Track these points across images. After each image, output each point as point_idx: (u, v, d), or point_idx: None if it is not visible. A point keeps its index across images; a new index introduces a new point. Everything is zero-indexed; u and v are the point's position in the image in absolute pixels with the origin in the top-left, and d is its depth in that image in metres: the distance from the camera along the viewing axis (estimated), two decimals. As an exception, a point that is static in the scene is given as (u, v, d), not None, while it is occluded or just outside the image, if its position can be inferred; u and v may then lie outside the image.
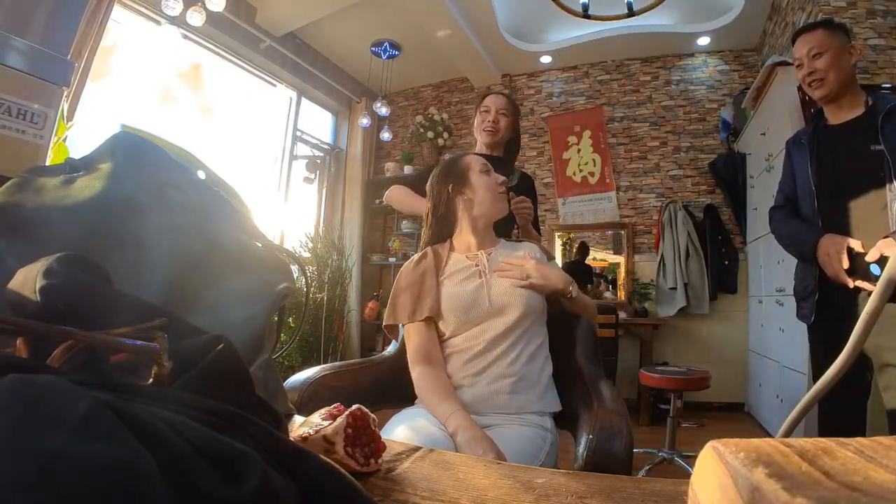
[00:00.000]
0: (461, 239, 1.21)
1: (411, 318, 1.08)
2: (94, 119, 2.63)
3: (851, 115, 1.47)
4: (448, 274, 1.14)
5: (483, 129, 1.75)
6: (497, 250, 1.19)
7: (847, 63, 1.45)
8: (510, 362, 1.03)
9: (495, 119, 1.74)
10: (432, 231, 1.24)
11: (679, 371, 2.64)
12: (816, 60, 1.46)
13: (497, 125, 1.74)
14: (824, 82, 1.46)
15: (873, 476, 0.17)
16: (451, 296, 1.08)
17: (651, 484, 0.39)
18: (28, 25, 0.72)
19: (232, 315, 0.44)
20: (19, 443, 0.16)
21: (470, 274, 1.12)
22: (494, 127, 1.74)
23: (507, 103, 1.77)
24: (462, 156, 1.26)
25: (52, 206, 0.41)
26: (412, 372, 1.05)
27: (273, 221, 4.05)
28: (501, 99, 1.78)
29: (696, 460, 0.24)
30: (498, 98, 1.78)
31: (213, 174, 0.58)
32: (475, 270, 1.13)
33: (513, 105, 1.80)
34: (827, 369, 0.34)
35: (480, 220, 1.19)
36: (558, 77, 4.58)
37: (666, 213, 3.91)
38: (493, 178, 1.20)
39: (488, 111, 1.75)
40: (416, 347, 1.06)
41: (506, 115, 1.75)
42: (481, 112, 1.78)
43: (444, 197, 1.21)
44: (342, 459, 0.39)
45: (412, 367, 1.05)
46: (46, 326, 0.27)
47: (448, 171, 1.22)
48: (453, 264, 1.16)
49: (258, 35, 3.69)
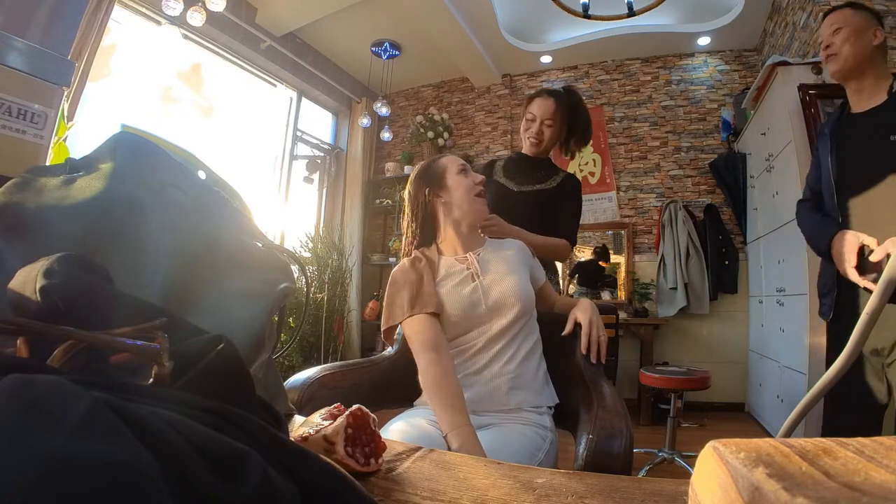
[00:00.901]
0: (447, 243, 1.18)
1: (411, 311, 1.04)
2: (94, 119, 2.63)
3: (873, 102, 1.41)
4: (441, 277, 1.12)
5: (527, 139, 1.66)
6: (485, 250, 1.18)
7: (867, 42, 1.40)
8: (507, 361, 1.04)
9: (539, 131, 1.63)
10: (416, 238, 1.21)
11: (679, 371, 2.64)
12: (836, 35, 1.43)
13: (541, 136, 1.63)
14: (838, 56, 1.42)
15: (874, 476, 0.17)
16: (449, 299, 1.07)
17: (651, 484, 0.39)
18: (28, 25, 0.72)
19: (232, 315, 0.44)
20: (20, 443, 0.16)
21: (463, 278, 1.11)
22: (539, 139, 1.63)
23: (555, 111, 1.60)
24: (438, 158, 1.22)
25: (52, 206, 0.41)
26: (419, 362, 0.99)
27: (273, 221, 4.06)
28: (550, 105, 1.60)
29: (696, 460, 0.24)
30: (546, 103, 1.60)
31: (214, 174, 0.58)
32: (468, 274, 1.12)
33: (563, 109, 1.62)
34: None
35: (462, 222, 1.16)
36: (559, 77, 4.58)
37: (666, 212, 3.91)
38: (470, 179, 1.16)
39: (533, 119, 1.63)
40: (423, 337, 1.01)
41: (551, 125, 1.61)
42: (526, 119, 1.65)
43: (420, 200, 1.18)
44: (342, 459, 0.39)
45: (419, 356, 0.99)
46: (47, 326, 0.27)
47: (423, 175, 1.19)
48: (445, 268, 1.14)
49: (258, 35, 3.69)
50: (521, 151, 1.75)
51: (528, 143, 1.67)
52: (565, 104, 1.62)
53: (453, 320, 1.06)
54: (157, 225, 0.43)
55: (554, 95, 1.62)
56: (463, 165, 1.19)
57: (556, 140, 1.68)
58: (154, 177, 0.47)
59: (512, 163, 1.75)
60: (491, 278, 1.11)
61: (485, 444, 0.85)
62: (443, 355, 0.99)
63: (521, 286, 1.10)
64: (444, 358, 0.98)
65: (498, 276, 1.11)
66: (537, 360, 1.10)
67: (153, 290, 0.40)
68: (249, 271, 0.48)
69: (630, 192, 4.20)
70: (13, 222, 0.39)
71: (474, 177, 1.18)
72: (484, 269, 1.13)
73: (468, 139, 4.80)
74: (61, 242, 0.38)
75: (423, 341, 1.00)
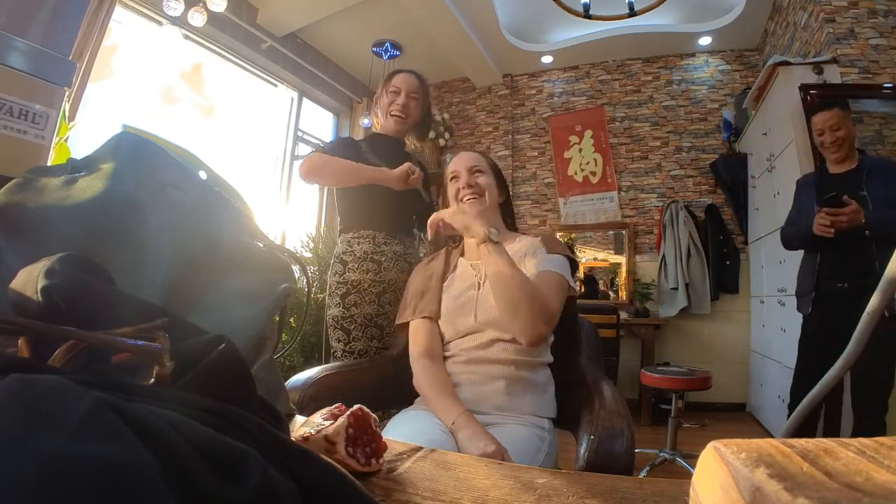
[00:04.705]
0: (468, 244, 1.20)
1: (413, 315, 1.11)
2: (95, 119, 2.63)
3: (846, 167, 2.00)
4: (451, 280, 1.15)
5: (390, 114, 1.55)
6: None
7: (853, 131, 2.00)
8: (505, 365, 1.02)
9: (405, 103, 1.54)
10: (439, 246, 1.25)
11: (680, 371, 2.64)
12: (837, 132, 1.97)
13: (407, 110, 1.55)
14: (842, 147, 1.98)
15: (875, 476, 0.17)
16: (447, 304, 1.10)
17: (652, 484, 0.39)
18: (29, 26, 0.72)
19: (233, 315, 0.44)
20: (21, 443, 0.16)
21: (469, 285, 1.11)
22: (405, 112, 1.55)
23: (419, 86, 1.57)
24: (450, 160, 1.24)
25: (53, 206, 0.41)
26: (414, 366, 1.05)
27: (274, 222, 4.06)
28: (413, 80, 1.57)
29: (697, 461, 0.24)
30: (409, 78, 1.57)
31: (215, 174, 0.59)
32: (474, 282, 1.12)
33: (424, 87, 1.59)
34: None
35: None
36: (559, 77, 4.58)
37: (667, 212, 3.90)
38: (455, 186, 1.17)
39: (398, 92, 1.55)
40: (420, 343, 1.07)
41: (416, 98, 1.56)
42: (389, 93, 1.56)
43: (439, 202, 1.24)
44: (343, 459, 0.39)
45: (414, 361, 1.06)
46: (48, 326, 0.27)
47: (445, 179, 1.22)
48: (460, 270, 1.16)
49: (259, 35, 3.69)
50: (378, 132, 1.64)
51: (391, 120, 1.56)
52: (425, 85, 1.60)
53: (448, 325, 1.08)
54: (158, 225, 0.43)
55: (414, 73, 1.59)
56: (454, 173, 1.19)
57: (416, 121, 1.60)
58: (155, 177, 0.47)
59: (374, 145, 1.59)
60: (487, 293, 1.06)
61: None
62: (435, 362, 1.04)
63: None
64: (436, 365, 1.04)
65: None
66: (538, 367, 1.06)
67: (154, 290, 0.40)
68: (250, 271, 0.48)
69: (631, 192, 4.20)
70: (14, 222, 0.39)
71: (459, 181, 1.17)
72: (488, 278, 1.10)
73: (469, 139, 4.80)
74: (62, 242, 0.38)
75: (419, 347, 1.06)
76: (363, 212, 1.53)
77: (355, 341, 1.44)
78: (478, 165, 1.19)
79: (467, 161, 1.19)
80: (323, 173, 1.47)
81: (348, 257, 1.50)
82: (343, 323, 1.45)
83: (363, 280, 1.47)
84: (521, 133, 4.66)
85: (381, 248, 1.50)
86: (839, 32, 2.72)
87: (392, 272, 1.50)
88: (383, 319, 1.46)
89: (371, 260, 1.49)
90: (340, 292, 1.47)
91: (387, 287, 1.48)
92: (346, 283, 1.47)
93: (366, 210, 1.52)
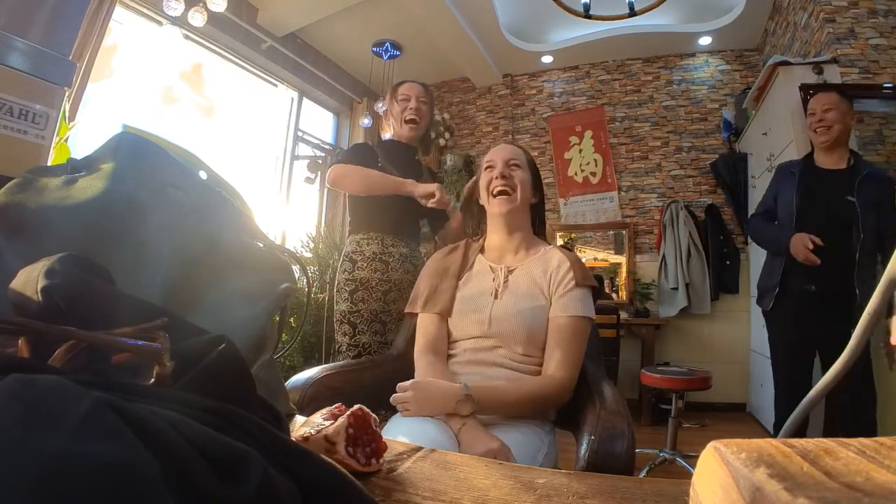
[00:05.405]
0: (491, 238, 1.17)
1: (423, 308, 1.09)
2: (95, 119, 2.63)
3: (837, 166, 1.91)
4: (467, 278, 1.11)
5: (405, 120, 1.59)
6: (524, 266, 1.09)
7: (847, 124, 1.90)
8: (506, 367, 1.02)
9: (417, 107, 1.58)
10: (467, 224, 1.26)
11: (680, 371, 2.64)
12: (827, 113, 1.88)
13: (420, 113, 1.59)
14: (830, 130, 1.88)
15: (875, 476, 0.17)
16: (459, 304, 1.08)
17: (653, 484, 0.39)
18: (29, 26, 0.72)
19: (233, 315, 0.44)
20: (21, 443, 0.16)
21: (486, 289, 1.08)
22: (418, 115, 1.59)
23: (426, 92, 1.62)
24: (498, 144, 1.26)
25: (53, 206, 0.41)
26: (418, 361, 1.04)
27: (274, 222, 4.06)
28: (419, 87, 1.62)
29: (697, 461, 0.24)
30: (415, 85, 1.62)
31: (215, 174, 0.59)
32: (491, 287, 1.08)
33: (430, 94, 1.64)
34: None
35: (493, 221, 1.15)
36: (560, 77, 4.58)
37: (667, 212, 3.90)
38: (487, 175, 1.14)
39: (408, 99, 1.59)
40: (427, 338, 1.06)
41: (426, 103, 1.61)
42: (399, 101, 1.61)
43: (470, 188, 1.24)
44: (343, 459, 0.39)
45: (419, 355, 1.05)
46: (48, 326, 0.27)
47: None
48: (477, 268, 1.13)
49: (259, 35, 3.69)
50: (391, 138, 1.67)
51: (406, 127, 1.59)
52: (430, 92, 1.66)
53: (457, 325, 1.07)
54: (158, 225, 0.43)
55: (417, 82, 1.65)
56: (489, 162, 1.15)
57: (427, 126, 1.64)
58: (155, 177, 0.47)
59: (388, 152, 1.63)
60: (503, 307, 1.03)
61: None
62: (440, 359, 1.04)
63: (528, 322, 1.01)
64: (440, 362, 1.03)
65: (511, 303, 1.04)
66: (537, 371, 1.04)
67: (154, 290, 0.40)
68: (250, 271, 0.48)
69: (631, 192, 4.20)
70: (14, 222, 0.39)
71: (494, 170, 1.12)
72: (506, 288, 1.07)
73: (469, 139, 4.80)
74: (62, 242, 0.38)
75: (425, 343, 1.05)
76: (374, 215, 1.59)
77: (360, 335, 1.51)
78: (516, 159, 1.15)
79: (506, 153, 1.15)
80: (348, 182, 1.53)
81: (358, 256, 1.57)
82: (350, 317, 1.53)
83: (371, 278, 1.54)
84: (521, 133, 4.66)
85: (388, 250, 1.57)
86: (839, 32, 2.71)
87: (398, 272, 1.56)
88: (387, 316, 1.53)
89: (380, 260, 1.56)
90: (349, 288, 1.55)
91: (392, 286, 1.55)
92: (355, 280, 1.55)
93: (377, 214, 1.59)
